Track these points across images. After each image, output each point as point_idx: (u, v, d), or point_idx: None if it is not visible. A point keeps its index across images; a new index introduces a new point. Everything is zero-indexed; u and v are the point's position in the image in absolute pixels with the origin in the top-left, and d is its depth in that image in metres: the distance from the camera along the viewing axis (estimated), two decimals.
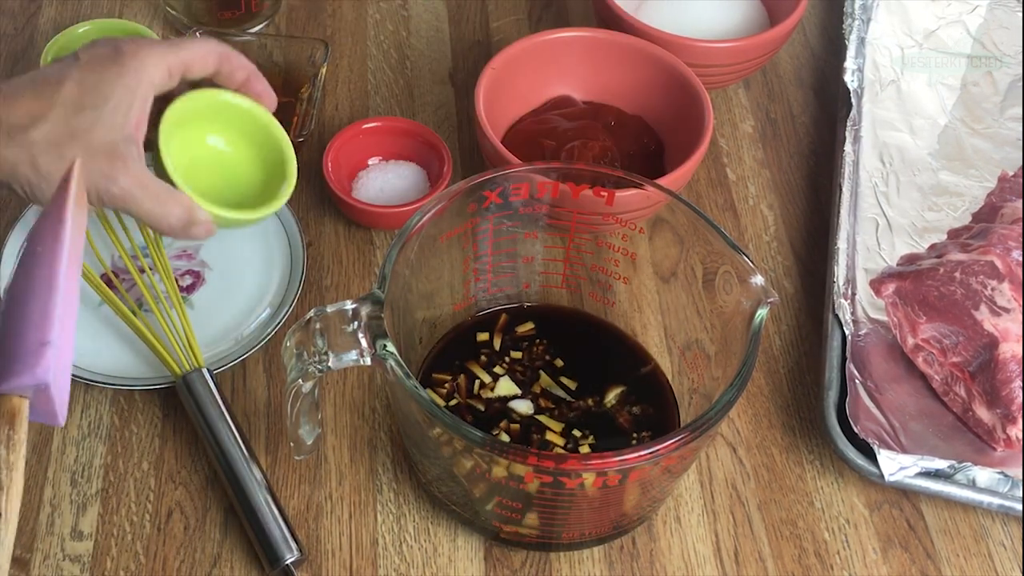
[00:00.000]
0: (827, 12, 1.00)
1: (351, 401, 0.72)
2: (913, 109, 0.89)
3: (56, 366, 0.48)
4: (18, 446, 0.47)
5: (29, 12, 0.94)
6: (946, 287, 0.71)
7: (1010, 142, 0.88)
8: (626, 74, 0.83)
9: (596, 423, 0.67)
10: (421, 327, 0.70)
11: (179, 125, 0.64)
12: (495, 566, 0.66)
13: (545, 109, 0.84)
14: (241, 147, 0.69)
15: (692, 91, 0.79)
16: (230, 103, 0.67)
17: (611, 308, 0.73)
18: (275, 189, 0.68)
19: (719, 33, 0.88)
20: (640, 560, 0.66)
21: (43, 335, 0.48)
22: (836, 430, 0.68)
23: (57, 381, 0.48)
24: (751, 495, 0.70)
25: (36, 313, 0.48)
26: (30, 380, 0.47)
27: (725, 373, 0.61)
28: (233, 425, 0.67)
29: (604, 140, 0.80)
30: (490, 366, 0.69)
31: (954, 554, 0.68)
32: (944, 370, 0.72)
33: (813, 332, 0.77)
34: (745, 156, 0.88)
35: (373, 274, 0.78)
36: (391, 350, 0.56)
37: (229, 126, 0.68)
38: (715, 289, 0.63)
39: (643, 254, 0.71)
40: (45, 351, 0.47)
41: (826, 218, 0.82)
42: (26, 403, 0.48)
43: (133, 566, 0.64)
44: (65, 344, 0.49)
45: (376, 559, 0.65)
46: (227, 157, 0.69)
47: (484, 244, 0.69)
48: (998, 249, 0.71)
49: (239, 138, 0.69)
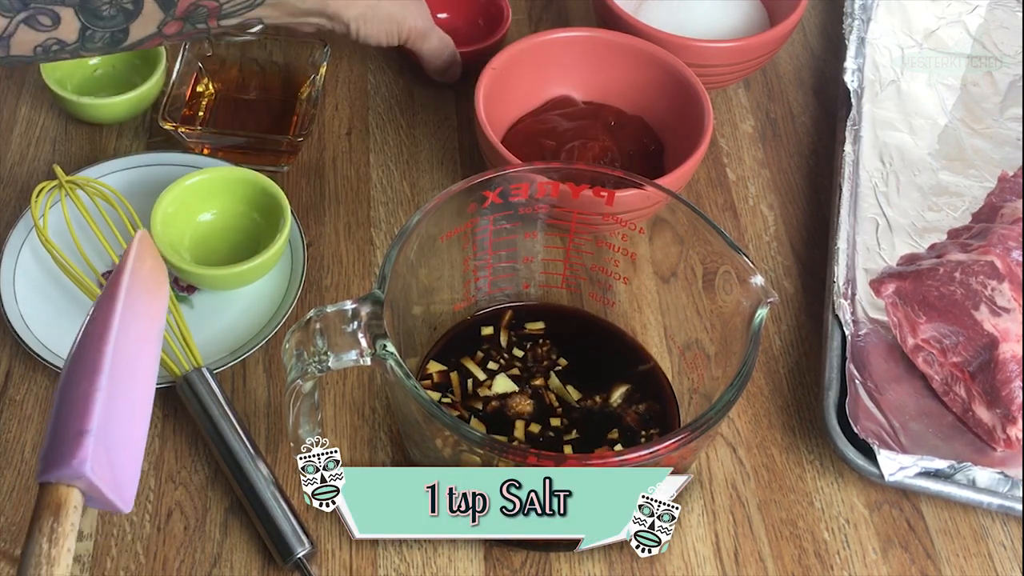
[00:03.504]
0: (827, 12, 1.00)
1: (351, 401, 0.72)
2: (913, 109, 0.89)
3: (100, 458, 0.44)
4: (62, 539, 0.44)
5: None
6: (946, 287, 0.71)
7: (1010, 142, 0.88)
8: (626, 74, 0.83)
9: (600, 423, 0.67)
10: (421, 327, 0.70)
11: (167, 225, 0.73)
12: (495, 566, 0.66)
13: (545, 109, 0.84)
14: (230, 207, 0.77)
15: (692, 91, 0.79)
16: (188, 185, 0.75)
17: (611, 308, 0.73)
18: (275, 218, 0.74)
19: (719, 33, 0.88)
20: (640, 560, 0.66)
21: (82, 423, 0.44)
22: (836, 430, 0.68)
23: (103, 473, 0.44)
24: (751, 495, 0.70)
25: (78, 398, 0.45)
26: (67, 472, 0.43)
27: (725, 373, 0.61)
28: (236, 422, 0.67)
29: (604, 140, 0.80)
30: (486, 362, 0.69)
31: (954, 554, 0.68)
32: (944, 370, 0.72)
33: (813, 332, 0.77)
34: (745, 156, 0.88)
35: (373, 274, 0.78)
36: (391, 350, 0.56)
37: (211, 199, 0.76)
38: (715, 289, 0.63)
39: (643, 254, 0.71)
40: (83, 441, 0.44)
41: (826, 218, 0.82)
42: (75, 492, 0.44)
43: (133, 566, 0.64)
44: (119, 432, 0.45)
45: (376, 559, 0.65)
46: (220, 223, 0.77)
47: (484, 244, 0.69)
48: (998, 249, 0.71)
49: (227, 203, 0.77)
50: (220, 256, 0.75)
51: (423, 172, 0.84)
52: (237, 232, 0.76)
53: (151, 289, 0.49)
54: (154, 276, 0.49)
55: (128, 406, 0.46)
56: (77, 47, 0.67)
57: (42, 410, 0.70)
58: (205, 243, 0.76)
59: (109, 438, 0.44)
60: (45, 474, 0.44)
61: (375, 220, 0.81)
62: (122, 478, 0.46)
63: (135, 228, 0.74)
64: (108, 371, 0.45)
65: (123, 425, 0.46)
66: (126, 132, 0.85)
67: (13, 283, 0.73)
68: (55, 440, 0.44)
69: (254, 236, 0.76)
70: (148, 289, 0.48)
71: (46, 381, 0.71)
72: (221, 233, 0.76)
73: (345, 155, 0.85)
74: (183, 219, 0.75)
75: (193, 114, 0.83)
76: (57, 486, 0.44)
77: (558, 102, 0.84)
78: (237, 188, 0.76)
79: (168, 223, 0.73)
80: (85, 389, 0.45)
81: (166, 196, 0.73)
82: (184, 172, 0.76)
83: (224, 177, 0.76)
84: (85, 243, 0.74)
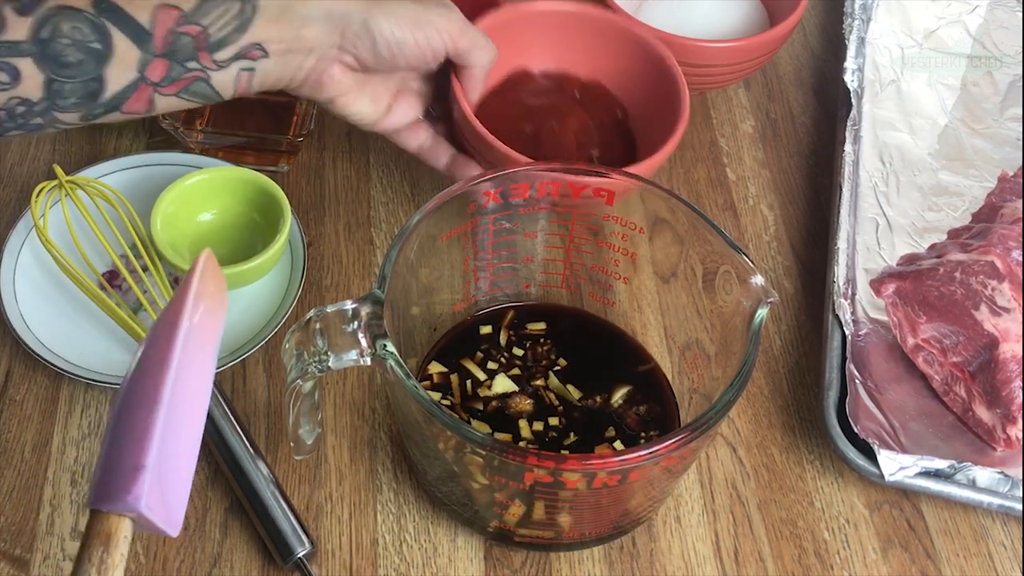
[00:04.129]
0: (827, 12, 1.00)
1: (351, 401, 0.72)
2: (913, 109, 0.89)
3: (154, 491, 0.43)
4: (111, 570, 0.43)
5: None
6: (946, 287, 0.71)
7: (1010, 142, 0.88)
8: (579, 40, 0.81)
9: (601, 422, 0.67)
10: (421, 327, 0.70)
11: (167, 225, 0.73)
12: (495, 566, 0.66)
13: (506, 88, 0.81)
14: (230, 207, 0.77)
15: (651, 50, 0.78)
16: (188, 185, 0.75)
17: (611, 308, 0.73)
18: (275, 218, 0.74)
19: (719, 33, 0.88)
20: (640, 560, 0.66)
21: (138, 458, 0.43)
22: (836, 430, 0.68)
23: (155, 505, 0.43)
24: (751, 495, 0.70)
25: (135, 430, 0.43)
26: (120, 505, 0.43)
27: (725, 373, 0.61)
28: (236, 422, 0.67)
29: (578, 113, 0.79)
30: (485, 362, 0.69)
31: (954, 554, 0.68)
32: (944, 370, 0.72)
33: (813, 332, 0.77)
34: (745, 156, 0.88)
35: (373, 274, 0.78)
36: (391, 350, 0.56)
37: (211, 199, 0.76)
38: (715, 289, 0.63)
39: (643, 254, 0.71)
40: (138, 477, 0.42)
41: (826, 218, 0.82)
42: (126, 522, 0.43)
43: (133, 566, 0.64)
44: (173, 463, 0.44)
45: (376, 559, 0.65)
46: (220, 222, 0.77)
47: (484, 244, 0.69)
48: (998, 249, 0.71)
49: (227, 203, 0.77)
50: (220, 256, 0.74)
51: (423, 172, 0.84)
52: (237, 232, 0.76)
53: (214, 311, 0.47)
54: (217, 298, 0.47)
55: (183, 435, 0.45)
56: (47, 106, 0.58)
57: (42, 410, 0.70)
58: (205, 243, 0.76)
59: (163, 469, 0.43)
60: (98, 503, 0.43)
61: (375, 220, 0.81)
62: (172, 504, 0.45)
63: (135, 228, 0.74)
64: (167, 403, 0.44)
65: (177, 455, 0.45)
66: (126, 132, 0.85)
67: (13, 283, 0.72)
68: (110, 470, 0.43)
69: (254, 236, 0.76)
70: (211, 311, 0.47)
71: (46, 381, 0.71)
72: (221, 233, 0.76)
73: (345, 155, 0.85)
74: (183, 219, 0.75)
75: (193, 114, 0.83)
76: (108, 515, 0.43)
77: (517, 78, 0.82)
78: (237, 188, 0.76)
79: (168, 223, 0.73)
80: (143, 421, 0.44)
81: (166, 196, 0.73)
82: (184, 172, 0.76)
83: (224, 177, 0.76)
84: (85, 243, 0.74)
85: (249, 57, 0.62)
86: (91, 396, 0.71)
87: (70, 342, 0.71)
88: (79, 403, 0.70)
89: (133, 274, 0.74)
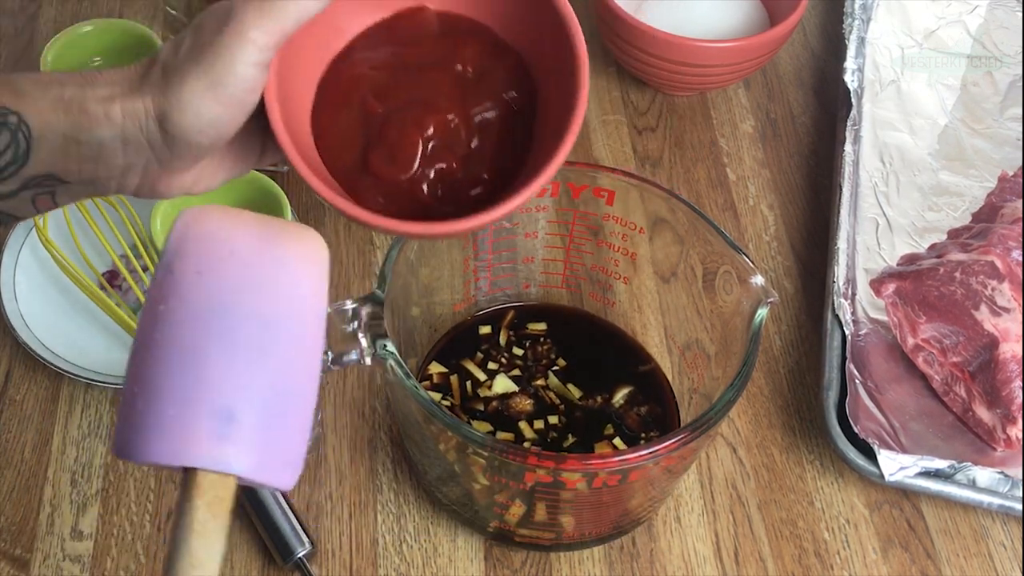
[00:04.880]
0: (827, 12, 1.00)
1: (351, 401, 0.72)
2: (913, 109, 0.89)
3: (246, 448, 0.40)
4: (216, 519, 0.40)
5: (29, 12, 0.94)
6: (946, 287, 0.71)
7: (1010, 142, 0.88)
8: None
9: (600, 422, 0.67)
10: (421, 327, 0.70)
11: (168, 225, 0.72)
12: (495, 566, 0.66)
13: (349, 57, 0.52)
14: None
15: None
16: None
17: (611, 308, 0.73)
18: None
19: (719, 33, 0.88)
20: (640, 560, 0.66)
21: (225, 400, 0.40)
22: (836, 430, 0.68)
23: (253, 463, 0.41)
24: (751, 495, 0.70)
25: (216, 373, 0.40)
26: (210, 465, 0.40)
27: (725, 373, 0.61)
28: None
29: (447, 104, 0.50)
30: (485, 363, 0.69)
31: (954, 554, 0.68)
32: (944, 370, 0.72)
33: (813, 332, 0.77)
34: (745, 156, 0.88)
35: (373, 274, 0.78)
36: (391, 350, 0.56)
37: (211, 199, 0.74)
38: (715, 289, 0.63)
39: (643, 254, 0.71)
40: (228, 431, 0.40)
41: (826, 218, 0.82)
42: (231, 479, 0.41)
43: (133, 566, 0.64)
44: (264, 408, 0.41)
45: (376, 559, 0.65)
46: None
47: (484, 244, 0.69)
48: (998, 249, 0.71)
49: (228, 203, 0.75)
50: None
51: None
52: None
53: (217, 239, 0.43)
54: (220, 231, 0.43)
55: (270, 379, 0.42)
56: None
57: (42, 410, 0.70)
58: None
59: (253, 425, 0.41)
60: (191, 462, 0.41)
61: None
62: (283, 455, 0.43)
63: (135, 228, 0.74)
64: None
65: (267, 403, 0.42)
66: None
67: (13, 283, 0.72)
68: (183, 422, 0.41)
69: None
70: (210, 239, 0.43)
71: (46, 381, 0.71)
72: None
73: None
74: None
75: None
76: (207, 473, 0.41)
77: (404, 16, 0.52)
78: (237, 188, 0.76)
79: (168, 223, 0.73)
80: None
81: None
82: None
83: None
84: (85, 243, 0.74)
85: (43, 186, 0.49)
86: (91, 396, 0.71)
87: (70, 342, 0.71)
88: (79, 403, 0.70)
89: (133, 274, 0.74)
